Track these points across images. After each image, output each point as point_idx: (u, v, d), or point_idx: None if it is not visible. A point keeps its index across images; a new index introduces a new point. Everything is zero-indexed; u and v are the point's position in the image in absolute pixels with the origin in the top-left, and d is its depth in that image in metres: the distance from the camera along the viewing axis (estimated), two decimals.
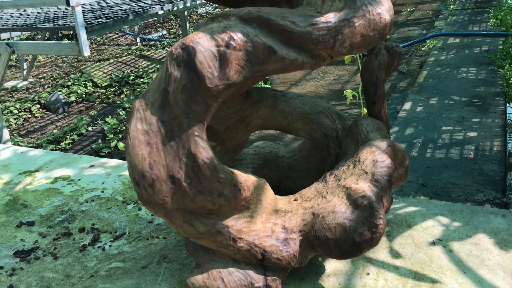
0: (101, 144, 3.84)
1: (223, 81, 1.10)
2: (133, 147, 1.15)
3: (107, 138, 3.95)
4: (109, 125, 4.10)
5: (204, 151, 1.15)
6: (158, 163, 1.14)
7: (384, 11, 1.15)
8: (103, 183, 2.07)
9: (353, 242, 1.24)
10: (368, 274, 1.40)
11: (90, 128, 4.19)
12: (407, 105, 3.89)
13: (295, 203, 1.37)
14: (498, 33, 5.92)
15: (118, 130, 4.13)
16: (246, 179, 1.25)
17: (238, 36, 1.09)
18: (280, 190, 1.82)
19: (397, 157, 1.39)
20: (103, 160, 2.30)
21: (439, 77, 4.53)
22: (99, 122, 4.35)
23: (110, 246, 1.62)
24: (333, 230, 1.25)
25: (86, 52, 2.65)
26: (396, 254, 1.48)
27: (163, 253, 1.55)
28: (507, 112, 3.59)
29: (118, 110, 4.51)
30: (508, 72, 4.24)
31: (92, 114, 4.64)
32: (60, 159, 2.35)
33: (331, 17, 1.12)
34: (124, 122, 4.29)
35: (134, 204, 1.87)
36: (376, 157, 1.32)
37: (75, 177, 2.14)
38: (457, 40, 5.92)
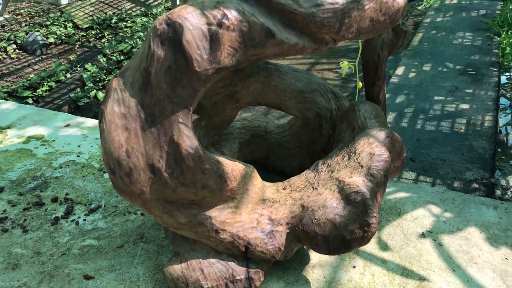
0: (80, 93, 3.66)
1: (213, 64, 0.97)
2: (108, 132, 1.03)
3: (86, 87, 3.76)
4: (89, 73, 3.90)
5: (188, 140, 1.03)
6: (137, 151, 1.03)
7: None
8: (79, 146, 1.95)
9: (343, 240, 1.17)
10: (354, 267, 1.35)
11: (68, 75, 3.98)
12: (400, 70, 3.77)
13: (283, 192, 1.28)
14: None
15: (98, 79, 3.94)
16: (233, 169, 1.16)
17: (232, 14, 0.96)
18: (267, 167, 1.74)
19: (395, 148, 1.30)
20: (80, 119, 2.17)
21: (435, 41, 4.40)
22: (78, 68, 4.14)
23: (84, 220, 1.53)
24: (322, 226, 1.17)
25: (64, 0, 2.43)
26: (384, 246, 1.42)
27: (140, 232, 1.47)
28: (501, 83, 3.51)
29: (99, 57, 4.29)
30: (505, 41, 4.13)
31: (71, 58, 4.41)
32: (34, 115, 2.20)
33: None
34: (105, 70, 4.09)
35: None
36: (373, 149, 1.23)
37: (49, 138, 2.01)
38: (455, 1, 5.74)
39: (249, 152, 1.69)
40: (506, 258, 1.37)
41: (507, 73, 3.68)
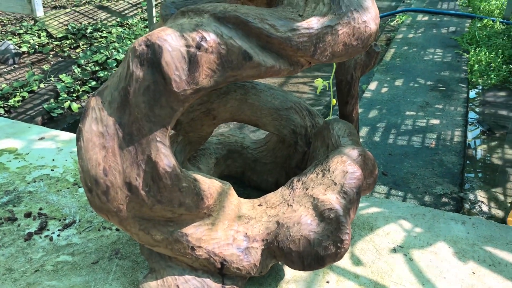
0: (53, 104, 3.62)
1: (191, 85, 0.99)
2: (86, 150, 1.03)
3: (60, 98, 3.72)
4: (63, 84, 3.86)
5: (165, 159, 1.05)
6: (114, 169, 1.04)
7: (370, 19, 1.06)
8: (53, 160, 1.93)
9: (317, 256, 1.20)
10: (328, 282, 1.37)
11: (42, 85, 3.93)
12: (373, 85, 3.85)
13: (259, 209, 1.30)
14: (465, 14, 5.94)
15: (72, 89, 3.90)
16: (210, 186, 1.17)
17: (211, 37, 0.98)
18: (243, 182, 1.76)
19: (367, 166, 1.34)
20: (54, 132, 2.15)
21: (406, 56, 4.51)
22: (52, 79, 4.09)
23: (58, 236, 1.52)
24: (297, 242, 1.20)
25: (39, 12, 2.42)
26: (357, 261, 1.45)
27: (115, 248, 1.47)
28: (470, 98, 3.62)
29: (73, 67, 4.25)
30: (473, 58, 4.27)
31: (45, 68, 4.35)
32: (7, 127, 2.17)
33: (313, 23, 1.02)
34: (79, 81, 4.06)
35: None
36: (346, 167, 1.26)
37: (22, 151, 1.99)
38: (426, 18, 5.91)
39: (225, 167, 1.71)
40: (473, 272, 1.42)
41: (476, 89, 3.80)
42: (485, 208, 2.26)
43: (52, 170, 1.86)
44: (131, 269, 1.39)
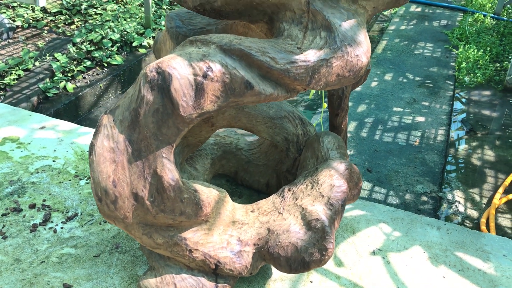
0: (49, 84, 3.66)
1: (197, 110, 1.09)
2: (98, 164, 1.13)
3: (55, 78, 3.76)
4: (58, 63, 3.89)
5: (170, 173, 1.15)
6: (122, 181, 1.14)
7: (362, 53, 1.16)
8: (54, 150, 2.01)
9: (303, 261, 1.32)
10: (311, 282, 1.50)
11: (37, 63, 3.96)
12: None
13: (252, 215, 1.42)
14: (457, 7, 6.02)
15: (67, 69, 3.94)
16: (208, 196, 1.28)
17: (216, 67, 1.07)
18: (236, 181, 1.87)
19: (352, 179, 1.45)
20: (55, 121, 2.22)
21: (397, 49, 4.60)
22: (47, 57, 4.11)
23: (61, 228, 1.62)
24: (285, 249, 1.32)
25: (42, 2, 2.45)
26: (339, 262, 1.58)
27: (116, 242, 1.58)
28: (455, 97, 3.75)
29: (68, 46, 4.27)
30: (461, 55, 4.38)
31: (40, 45, 4.37)
32: (8, 114, 2.24)
33: (310, 56, 1.12)
34: (74, 61, 4.09)
35: (86, 180, 1.85)
36: (333, 181, 1.38)
37: (25, 140, 2.06)
38: (419, 9, 5.97)
39: (220, 167, 1.82)
40: (444, 277, 1.56)
41: (462, 87, 3.92)
42: (461, 208, 2.40)
43: (54, 161, 1.95)
44: (130, 263, 1.50)
